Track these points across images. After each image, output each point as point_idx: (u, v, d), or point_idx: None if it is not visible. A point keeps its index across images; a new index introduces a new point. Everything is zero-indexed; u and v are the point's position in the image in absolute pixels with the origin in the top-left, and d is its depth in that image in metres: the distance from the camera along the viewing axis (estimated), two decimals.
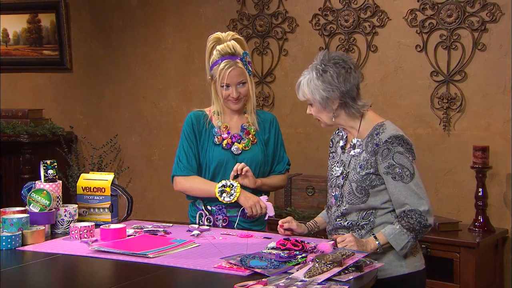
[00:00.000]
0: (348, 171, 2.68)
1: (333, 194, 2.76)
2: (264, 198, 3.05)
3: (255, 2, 4.84)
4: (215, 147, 3.10)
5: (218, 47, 3.04)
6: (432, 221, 2.59)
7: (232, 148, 3.09)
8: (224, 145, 3.10)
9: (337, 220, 2.71)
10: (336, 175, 2.75)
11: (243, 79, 3.03)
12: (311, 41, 4.66)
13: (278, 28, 4.78)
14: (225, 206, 3.07)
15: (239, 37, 3.11)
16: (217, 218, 3.09)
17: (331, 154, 2.84)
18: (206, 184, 3.07)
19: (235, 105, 3.09)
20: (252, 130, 3.12)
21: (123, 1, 5.43)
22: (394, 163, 2.57)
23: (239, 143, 3.10)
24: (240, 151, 3.09)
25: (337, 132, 2.86)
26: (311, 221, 2.90)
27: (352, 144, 2.71)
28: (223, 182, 3.02)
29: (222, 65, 3.01)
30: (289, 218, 2.85)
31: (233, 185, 3.01)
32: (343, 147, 2.77)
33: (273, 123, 3.20)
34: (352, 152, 2.70)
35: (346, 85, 2.61)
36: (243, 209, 3.04)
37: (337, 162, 2.77)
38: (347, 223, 2.68)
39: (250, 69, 3.07)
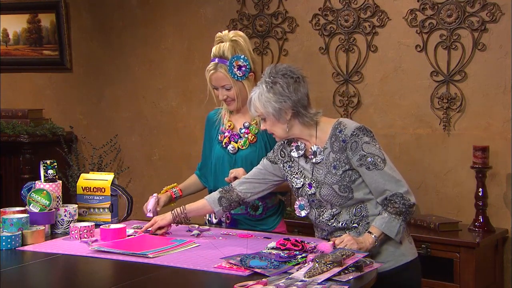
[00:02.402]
0: (317, 178, 2.69)
1: (299, 204, 2.77)
2: (154, 195, 3.10)
3: (255, 2, 4.84)
4: (217, 145, 3.15)
5: (213, 48, 3.07)
6: (414, 199, 2.62)
7: (228, 148, 3.11)
8: (223, 144, 3.12)
9: (330, 223, 2.72)
10: (296, 186, 2.76)
11: (226, 84, 3.03)
12: (311, 41, 4.66)
13: (278, 28, 4.78)
14: None
15: (238, 39, 3.06)
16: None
17: (286, 164, 2.80)
18: None
19: (228, 106, 3.12)
20: (254, 129, 3.11)
21: (123, 1, 5.43)
22: (365, 153, 2.61)
23: (236, 142, 3.11)
24: (236, 150, 3.10)
25: (285, 142, 2.82)
26: (180, 208, 2.89)
27: (312, 151, 2.71)
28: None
29: (208, 66, 3.07)
30: (153, 220, 2.86)
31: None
32: (304, 156, 2.75)
33: None
34: (314, 160, 2.70)
35: (297, 94, 2.64)
36: (247, 207, 3.06)
37: (296, 173, 2.76)
38: (341, 224, 2.69)
39: (239, 74, 3.02)
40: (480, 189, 3.94)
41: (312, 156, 2.71)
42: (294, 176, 2.77)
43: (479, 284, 3.77)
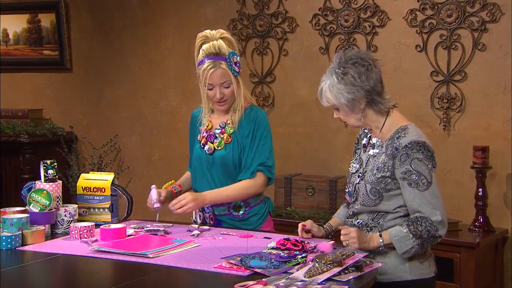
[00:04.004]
0: (366, 171, 2.65)
1: (347, 191, 2.75)
2: (152, 186, 3.06)
3: (255, 2, 4.84)
4: (197, 144, 3.15)
5: (204, 47, 3.00)
6: (444, 233, 2.53)
7: (204, 148, 3.09)
8: (201, 144, 3.11)
9: (348, 219, 2.71)
10: (351, 171, 2.74)
11: (227, 80, 2.98)
12: (311, 41, 4.66)
13: (278, 28, 4.78)
14: (212, 204, 3.08)
15: (227, 36, 3.03)
16: (205, 216, 3.12)
17: (356, 151, 2.80)
18: None
19: (220, 107, 3.06)
20: (228, 129, 3.07)
21: (123, 1, 5.43)
22: (412, 170, 2.52)
23: (212, 142, 3.08)
24: (212, 151, 3.07)
25: (363, 129, 2.80)
26: (327, 224, 2.84)
27: (372, 143, 2.68)
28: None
29: (205, 65, 2.98)
30: (309, 222, 2.77)
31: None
32: (365, 145, 2.73)
33: (253, 121, 3.05)
34: (370, 152, 2.67)
35: (369, 82, 2.55)
36: (229, 207, 3.07)
37: (356, 159, 2.75)
38: (357, 222, 2.66)
39: (236, 70, 2.99)
40: (480, 189, 3.94)
41: (371, 148, 2.67)
42: (353, 161, 2.76)
43: (479, 284, 3.77)
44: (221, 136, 3.07)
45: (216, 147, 3.07)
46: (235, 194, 3.02)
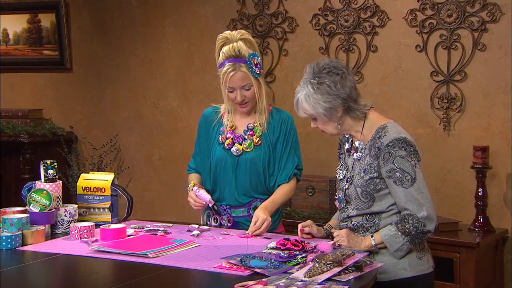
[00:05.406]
0: (353, 175, 2.66)
1: (337, 197, 2.76)
2: (194, 189, 3.05)
3: (255, 2, 4.84)
4: (218, 146, 3.10)
5: (224, 49, 2.99)
6: (432, 227, 2.55)
7: (231, 149, 3.07)
8: (225, 145, 3.08)
9: (342, 222, 2.71)
10: (339, 178, 2.75)
11: (247, 83, 2.98)
12: (311, 41, 4.66)
13: (278, 28, 4.78)
14: (230, 206, 3.07)
15: (247, 37, 3.02)
16: (222, 218, 3.10)
17: (340, 156, 2.81)
18: (189, 183, 3.15)
19: (242, 109, 3.06)
20: (258, 131, 3.08)
21: (123, 1, 5.43)
22: (395, 168, 2.54)
23: (241, 144, 3.07)
24: (240, 152, 3.06)
25: (343, 134, 2.81)
26: (327, 224, 2.86)
27: (355, 147, 2.69)
28: (190, 184, 3.11)
29: (225, 68, 2.97)
30: (309, 222, 2.79)
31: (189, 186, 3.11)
32: (348, 150, 2.75)
33: (284, 123, 3.11)
34: (355, 156, 2.68)
35: (345, 90, 2.58)
36: (249, 208, 3.06)
37: (341, 165, 2.76)
38: (353, 224, 2.67)
39: (257, 71, 2.98)
40: (480, 189, 3.94)
41: (354, 152, 2.69)
42: (339, 167, 2.77)
43: (479, 284, 3.77)
44: (251, 138, 3.07)
45: (244, 149, 3.06)
46: (284, 200, 3.10)
